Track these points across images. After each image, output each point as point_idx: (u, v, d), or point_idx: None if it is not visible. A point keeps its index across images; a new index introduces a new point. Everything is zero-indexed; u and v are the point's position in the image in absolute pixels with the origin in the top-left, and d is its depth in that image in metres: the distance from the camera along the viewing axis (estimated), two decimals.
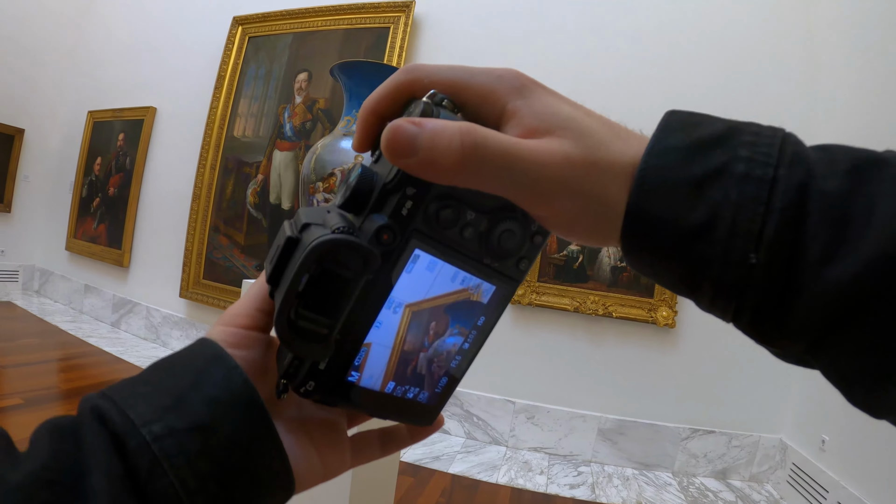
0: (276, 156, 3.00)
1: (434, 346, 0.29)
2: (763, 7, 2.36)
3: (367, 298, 0.25)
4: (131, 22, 3.96)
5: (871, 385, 0.22)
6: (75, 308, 4.00)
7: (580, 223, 0.25)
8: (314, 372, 0.26)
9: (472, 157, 0.22)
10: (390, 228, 0.24)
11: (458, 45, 2.72)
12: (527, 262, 0.29)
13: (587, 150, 0.24)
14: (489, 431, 2.51)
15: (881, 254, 0.20)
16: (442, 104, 0.24)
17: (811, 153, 0.22)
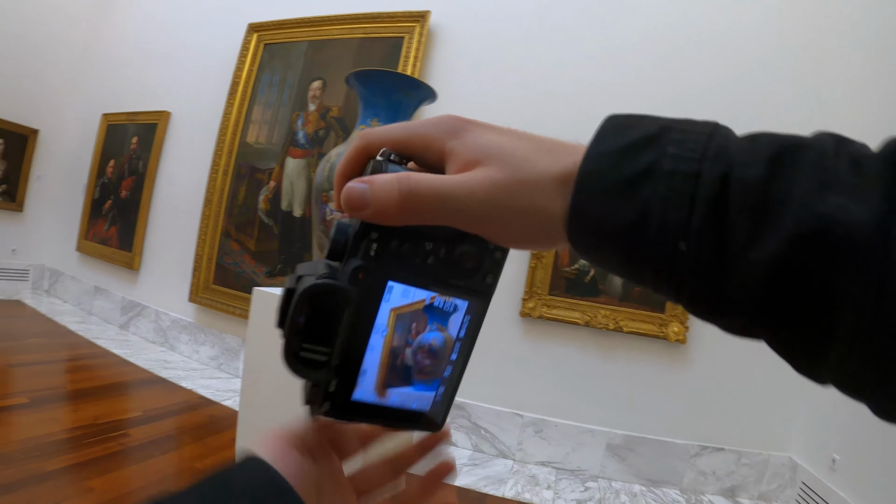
0: (289, 163, 3.00)
1: (417, 340, 0.32)
2: (769, 10, 2.35)
3: (358, 327, 0.30)
4: (147, 26, 4.00)
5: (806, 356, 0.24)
6: (84, 309, 4.01)
7: (522, 234, 0.28)
8: (327, 395, 0.30)
9: (408, 201, 0.27)
10: (363, 268, 0.28)
11: (472, 55, 2.72)
12: (492, 276, 0.32)
13: (511, 172, 0.27)
14: (496, 444, 2.50)
15: (796, 234, 0.21)
16: (390, 159, 0.29)
17: (736, 145, 0.24)
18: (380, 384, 0.32)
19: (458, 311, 0.32)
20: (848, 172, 0.22)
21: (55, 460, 1.73)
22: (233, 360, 3.10)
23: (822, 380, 0.25)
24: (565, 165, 0.27)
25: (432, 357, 0.33)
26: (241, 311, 3.03)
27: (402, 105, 1.32)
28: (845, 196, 0.21)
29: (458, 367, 0.34)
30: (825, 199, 0.22)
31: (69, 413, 2.16)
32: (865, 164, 0.22)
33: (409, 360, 0.32)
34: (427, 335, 0.32)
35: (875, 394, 0.23)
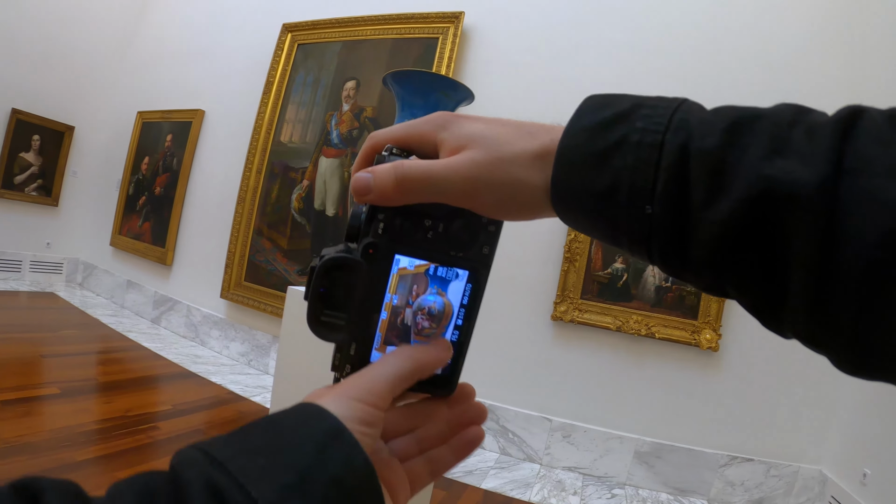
0: (322, 162, 3.03)
1: (417, 302, 0.35)
2: (806, 23, 2.31)
3: (371, 295, 0.34)
4: (182, 26, 4.07)
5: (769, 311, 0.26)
6: (117, 302, 4.09)
7: (505, 205, 0.31)
8: (349, 358, 0.34)
9: (403, 183, 0.31)
10: (373, 244, 0.33)
11: (506, 57, 2.72)
12: (488, 248, 0.35)
13: (490, 151, 0.31)
14: (524, 448, 2.49)
15: (746, 196, 0.24)
16: (392, 152, 0.34)
17: (698, 117, 0.27)
18: (381, 342, 0.35)
19: (460, 280, 0.35)
20: (800, 138, 0.24)
21: (85, 450, 1.77)
22: (263, 356, 3.13)
23: (785, 334, 0.26)
24: (542, 143, 0.31)
25: (431, 319, 0.36)
26: (272, 309, 3.06)
27: (440, 106, 1.31)
28: (793, 159, 0.23)
29: (465, 333, 0.37)
30: (774, 162, 0.24)
31: (100, 404, 2.20)
32: (819, 130, 0.24)
33: (409, 319, 0.35)
34: (427, 297, 0.35)
35: (830, 346, 0.24)
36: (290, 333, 1.39)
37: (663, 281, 2.35)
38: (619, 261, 2.41)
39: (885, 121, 0.23)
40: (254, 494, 0.22)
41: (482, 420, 0.37)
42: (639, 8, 2.54)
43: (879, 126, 0.23)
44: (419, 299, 0.35)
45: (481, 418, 0.37)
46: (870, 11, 2.26)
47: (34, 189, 4.14)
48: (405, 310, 0.35)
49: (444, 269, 0.35)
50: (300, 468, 0.24)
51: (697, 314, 2.32)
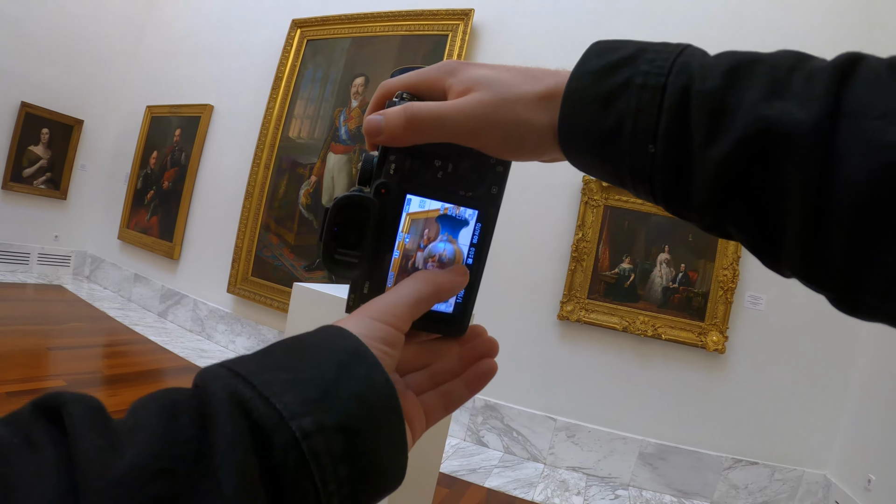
0: (331, 158, 3.03)
1: (428, 248, 0.36)
2: (823, 24, 2.30)
3: (384, 234, 0.34)
4: (192, 22, 4.08)
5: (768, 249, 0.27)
6: (124, 296, 4.11)
7: (510, 144, 0.32)
8: (363, 297, 0.35)
9: (413, 123, 0.31)
10: (384, 184, 0.33)
11: (515, 54, 2.72)
12: (496, 187, 0.36)
13: (496, 92, 0.32)
14: (528, 447, 2.48)
15: (744, 134, 0.24)
16: (403, 97, 0.34)
17: (700, 61, 0.28)
18: (393, 281, 0.36)
19: (470, 218, 0.36)
20: (800, 83, 0.24)
21: None
22: None
23: (784, 272, 0.27)
24: (548, 85, 0.32)
25: (441, 266, 0.36)
26: (278, 304, 3.07)
27: None
28: (791, 101, 0.24)
29: (475, 272, 0.37)
30: (772, 104, 0.24)
31: (106, 397, 2.21)
32: (817, 75, 0.24)
33: (420, 264, 0.36)
34: (437, 244, 0.36)
35: (827, 286, 0.25)
36: (297, 329, 1.39)
37: (670, 282, 2.34)
38: (626, 261, 2.40)
39: (883, 68, 0.23)
40: (278, 406, 0.23)
41: (494, 353, 0.38)
42: (652, 7, 2.53)
43: (878, 72, 0.23)
44: (430, 245, 0.36)
45: (493, 351, 0.38)
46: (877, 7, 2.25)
47: (43, 182, 4.17)
48: (416, 253, 0.36)
49: (454, 212, 0.36)
50: (323, 384, 0.24)
51: (704, 316, 2.31)
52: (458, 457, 2.37)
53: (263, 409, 0.22)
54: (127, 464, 0.19)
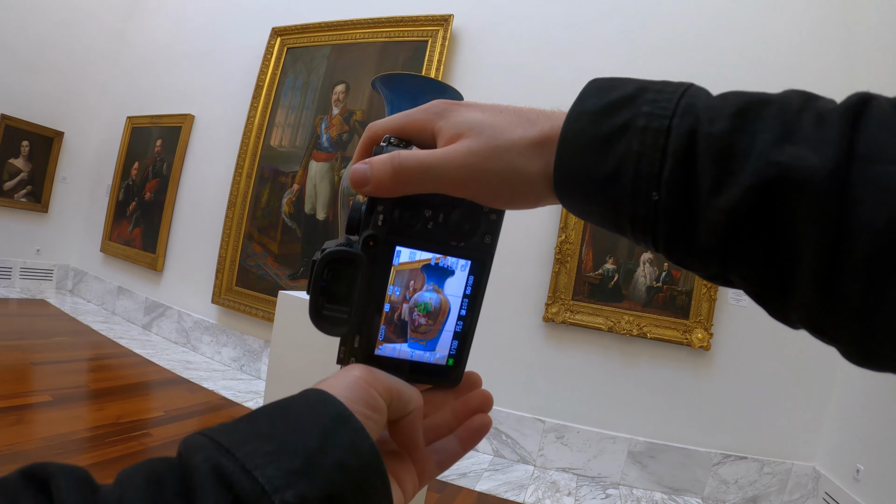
0: (313, 166, 3.03)
1: (413, 298, 0.35)
2: (803, 22, 2.33)
3: (373, 288, 0.33)
4: (172, 31, 4.06)
5: (776, 300, 0.26)
6: (108, 309, 4.07)
7: (503, 194, 0.31)
8: (353, 351, 0.34)
9: (400, 174, 0.30)
10: (373, 236, 0.32)
11: (495, 59, 2.73)
12: (490, 236, 0.35)
13: (488, 140, 0.30)
14: (517, 450, 2.49)
15: (755, 182, 0.23)
16: (391, 142, 0.33)
17: (705, 102, 0.26)
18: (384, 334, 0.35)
19: (461, 270, 0.35)
20: (810, 125, 0.23)
21: (77, 458, 1.76)
22: (255, 361, 3.12)
23: (793, 324, 0.26)
24: (542, 129, 0.30)
25: (427, 316, 0.35)
26: (263, 313, 3.05)
27: None
28: (804, 146, 0.23)
29: (469, 323, 0.37)
30: (783, 148, 0.23)
31: (92, 412, 2.19)
32: (827, 117, 0.23)
33: (406, 315, 0.35)
34: (423, 294, 0.35)
35: (840, 337, 0.24)
36: (282, 338, 1.39)
37: (654, 281, 2.36)
38: (609, 261, 2.42)
39: (892, 108, 0.23)
40: (260, 480, 0.22)
41: (488, 408, 0.37)
42: (631, 8, 2.55)
43: (888, 113, 0.22)
44: (415, 296, 0.35)
45: (487, 406, 0.37)
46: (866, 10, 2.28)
47: (24, 195, 4.12)
48: (402, 305, 0.35)
49: (442, 263, 0.35)
50: (306, 453, 0.24)
51: (689, 314, 2.33)
52: None
53: (246, 483, 0.22)
54: None
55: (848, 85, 2.26)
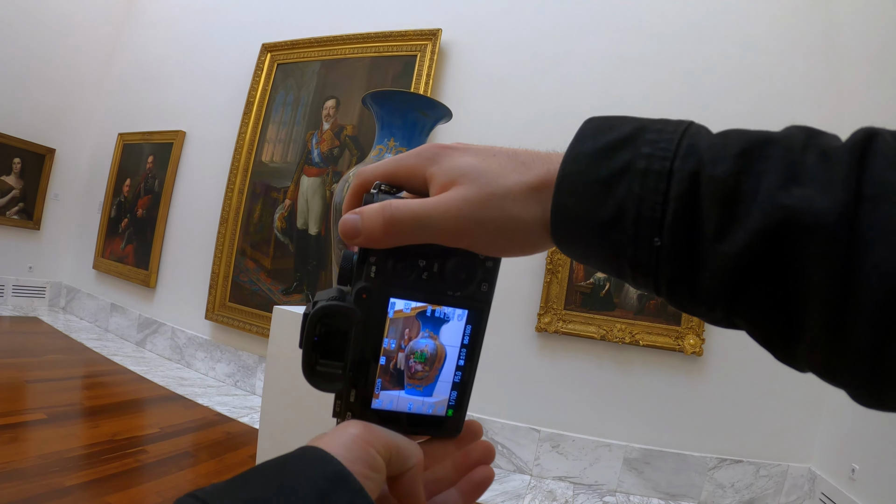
0: (304, 181, 3.04)
1: (409, 346, 0.34)
2: (785, 32, 2.37)
3: (368, 341, 0.32)
4: (163, 47, 4.07)
5: (783, 345, 0.25)
6: (101, 326, 4.05)
7: (500, 243, 0.30)
8: (349, 406, 0.33)
9: (392, 226, 0.29)
10: (366, 289, 0.31)
11: (484, 73, 2.75)
12: (487, 284, 0.34)
13: (482, 187, 0.29)
14: (513, 460, 2.49)
15: (763, 226, 0.23)
16: (381, 190, 0.33)
17: (707, 142, 0.26)
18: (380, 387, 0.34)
19: (458, 320, 0.34)
20: (815, 164, 0.23)
21: (73, 475, 1.75)
22: (249, 377, 3.11)
23: (801, 367, 0.26)
24: (538, 174, 0.30)
25: (423, 363, 0.34)
26: (257, 329, 3.05)
27: (418, 124, 1.32)
28: (811, 187, 0.23)
29: (468, 372, 0.36)
30: (790, 191, 0.23)
31: (87, 429, 2.18)
32: (833, 155, 0.23)
33: (402, 364, 0.34)
34: (419, 341, 0.34)
35: (850, 380, 0.23)
36: (278, 352, 1.39)
37: None
38: None
39: None
40: None
41: (490, 460, 0.36)
42: (618, 22, 2.58)
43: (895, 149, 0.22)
44: (411, 343, 0.34)
45: (489, 457, 0.36)
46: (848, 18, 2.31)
47: (15, 212, 4.10)
48: (398, 354, 0.34)
49: (438, 312, 0.34)
50: None
51: (680, 320, 2.35)
52: None
53: None
54: None
55: (830, 88, 2.30)
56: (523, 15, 2.73)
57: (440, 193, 0.30)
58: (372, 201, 0.32)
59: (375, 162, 1.25)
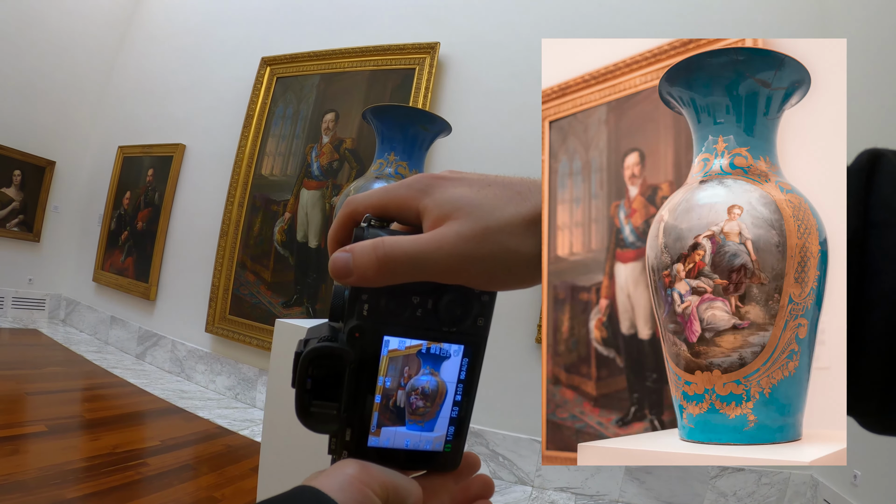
0: (304, 194, 3.05)
1: (409, 383, 0.33)
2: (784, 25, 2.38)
3: (362, 381, 0.32)
4: (163, 61, 4.09)
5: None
6: (101, 339, 4.05)
7: (499, 277, 0.29)
8: (345, 444, 0.33)
9: (385, 265, 0.28)
10: (359, 327, 0.31)
11: (482, 85, 2.77)
12: (483, 319, 0.33)
13: (478, 222, 0.28)
14: (514, 471, 2.49)
15: None
16: (371, 224, 0.32)
17: None
18: (376, 426, 0.33)
19: (455, 356, 0.33)
20: None
21: (74, 488, 1.75)
22: (249, 389, 3.11)
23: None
24: (536, 205, 0.29)
25: (424, 398, 0.34)
26: (257, 342, 3.05)
27: (418, 138, 1.33)
28: None
29: (465, 407, 0.35)
30: None
31: (87, 441, 2.18)
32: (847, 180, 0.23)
33: (402, 401, 0.33)
34: (420, 378, 0.33)
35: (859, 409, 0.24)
36: (280, 365, 1.40)
37: None
38: None
39: None
40: None
41: (489, 494, 0.35)
42: (616, 33, 2.61)
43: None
44: (411, 381, 0.33)
45: (488, 492, 0.35)
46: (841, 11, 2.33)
47: (15, 225, 4.11)
48: (398, 392, 0.33)
49: (434, 349, 0.33)
50: None
51: None
52: None
53: None
54: None
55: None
56: (521, 28, 2.75)
57: (434, 228, 0.30)
58: (363, 236, 0.31)
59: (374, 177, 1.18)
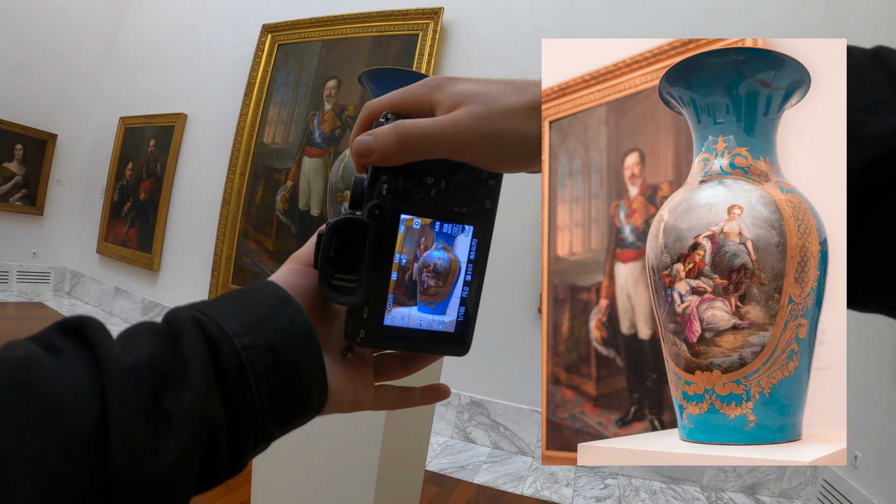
0: (306, 162, 3.03)
1: (423, 257, 0.36)
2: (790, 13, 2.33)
3: (380, 257, 0.34)
4: (163, 30, 4.05)
5: None
6: (105, 310, 4.07)
7: (505, 156, 0.33)
8: (362, 322, 0.35)
9: (405, 141, 0.32)
10: (378, 205, 0.34)
11: (485, 52, 2.73)
12: (490, 202, 0.36)
13: (485, 105, 0.32)
14: (516, 442, 2.49)
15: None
16: (388, 117, 0.34)
17: None
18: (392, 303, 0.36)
19: (466, 235, 0.36)
20: None
21: None
22: None
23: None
24: (535, 95, 0.33)
25: (437, 277, 0.36)
26: None
27: None
28: None
29: (474, 288, 0.38)
30: None
31: None
32: None
33: (415, 274, 0.36)
34: (432, 253, 0.36)
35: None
36: None
37: None
38: None
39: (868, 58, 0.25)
40: (225, 328, 0.29)
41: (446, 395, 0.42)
42: (620, 23, 2.54)
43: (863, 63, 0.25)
44: (425, 255, 0.36)
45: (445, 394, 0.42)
46: None
47: (18, 199, 4.11)
48: (413, 265, 0.36)
49: (448, 226, 0.36)
50: (258, 318, 0.31)
51: None
52: (447, 454, 2.37)
53: (215, 329, 0.29)
54: (133, 358, 0.26)
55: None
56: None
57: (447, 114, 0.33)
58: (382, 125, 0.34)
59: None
